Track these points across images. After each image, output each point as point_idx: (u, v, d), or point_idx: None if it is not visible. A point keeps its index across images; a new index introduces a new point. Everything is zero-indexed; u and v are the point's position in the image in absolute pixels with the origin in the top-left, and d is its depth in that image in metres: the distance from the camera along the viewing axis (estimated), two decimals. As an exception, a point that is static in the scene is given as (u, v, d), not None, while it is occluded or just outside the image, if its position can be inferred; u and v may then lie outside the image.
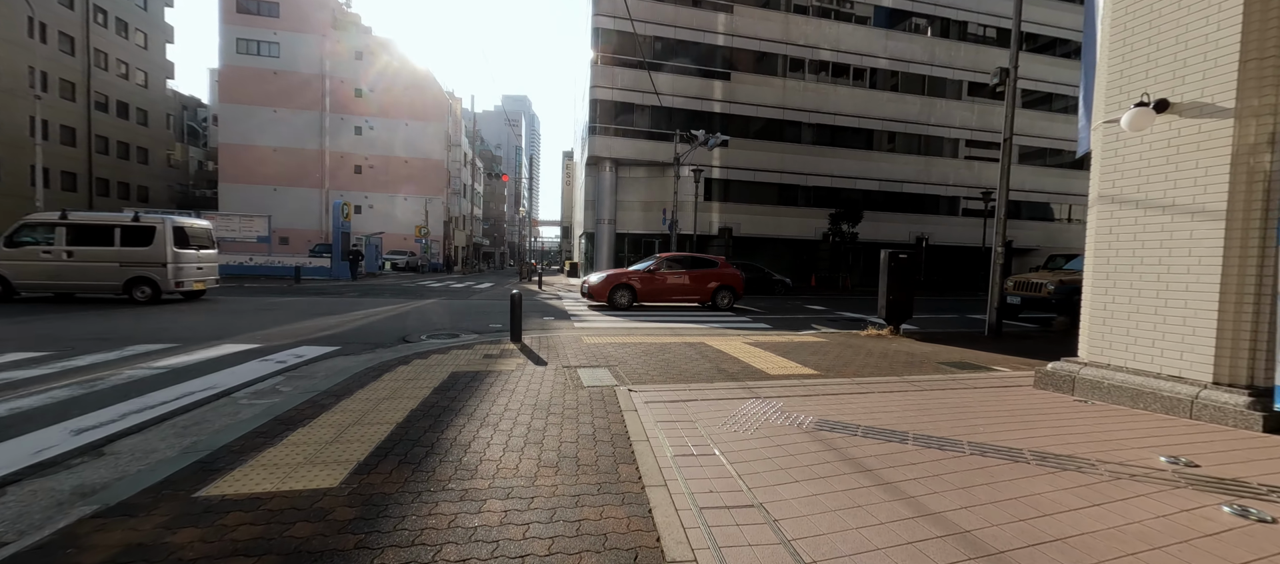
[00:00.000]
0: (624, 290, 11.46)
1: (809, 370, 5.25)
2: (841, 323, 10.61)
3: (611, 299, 11.39)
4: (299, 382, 4.37)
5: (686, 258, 12.57)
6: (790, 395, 4.19)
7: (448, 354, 5.56)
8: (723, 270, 12.29)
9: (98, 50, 33.95)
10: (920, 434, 3.20)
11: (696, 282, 11.98)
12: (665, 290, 11.79)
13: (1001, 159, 8.72)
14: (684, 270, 12.08)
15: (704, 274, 12.13)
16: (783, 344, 6.93)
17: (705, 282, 12.03)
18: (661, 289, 11.77)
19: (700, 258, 12.68)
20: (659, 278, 11.80)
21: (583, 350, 6.00)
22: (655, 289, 11.72)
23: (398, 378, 4.43)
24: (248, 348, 5.77)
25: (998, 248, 8.69)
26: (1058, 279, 10.77)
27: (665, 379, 4.70)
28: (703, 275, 12.11)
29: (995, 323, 8.59)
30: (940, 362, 6.00)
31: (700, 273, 12.12)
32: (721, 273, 12.23)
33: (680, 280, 11.93)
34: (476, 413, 3.50)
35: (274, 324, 7.75)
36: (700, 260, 12.55)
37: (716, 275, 12.18)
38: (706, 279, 12.08)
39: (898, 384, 4.71)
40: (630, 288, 11.48)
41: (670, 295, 11.84)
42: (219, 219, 19.96)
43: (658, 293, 11.76)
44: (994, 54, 30.03)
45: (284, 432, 3.06)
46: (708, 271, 12.18)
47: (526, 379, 4.52)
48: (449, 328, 8.06)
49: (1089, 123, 5.02)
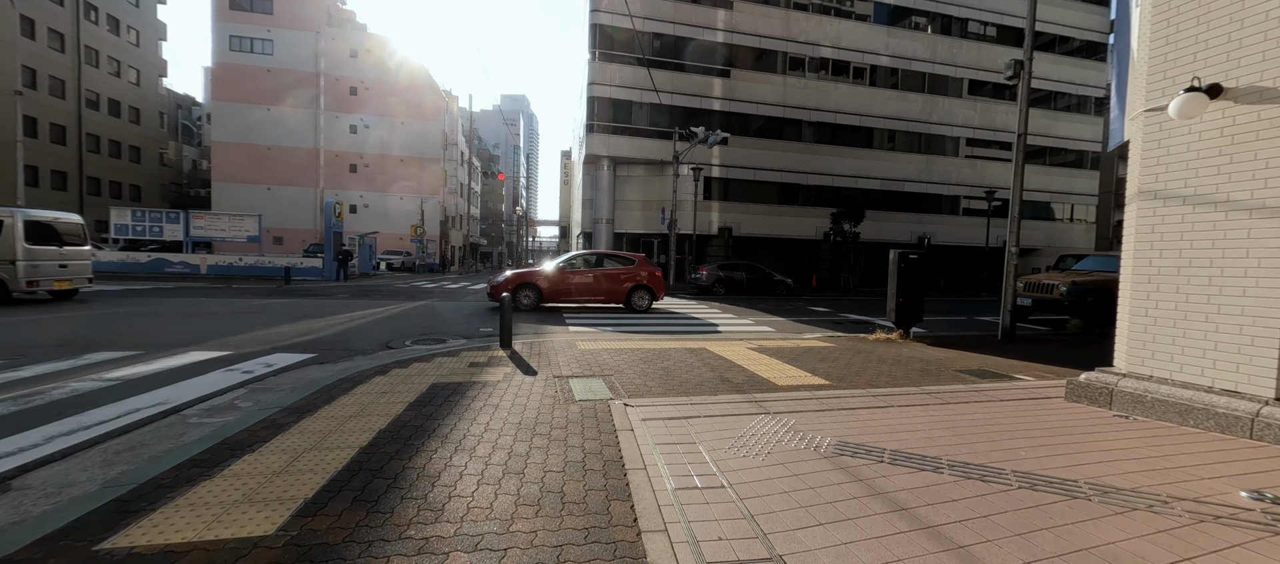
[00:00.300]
0: (528, 290, 10.65)
1: (820, 380, 4.87)
2: (847, 326, 10.24)
3: (515, 299, 10.51)
4: (262, 395, 3.97)
5: (602, 255, 11.87)
6: (802, 410, 3.81)
7: (431, 362, 5.17)
8: (640, 270, 11.44)
9: (88, 47, 33.47)
10: (956, 461, 2.82)
11: (610, 281, 11.18)
12: (574, 290, 11.01)
13: (1015, 155, 8.36)
14: (597, 269, 11.32)
15: (619, 273, 11.30)
16: (788, 350, 6.55)
17: (619, 282, 11.21)
18: (570, 289, 10.98)
19: (618, 255, 11.93)
20: (568, 277, 11.05)
21: (576, 357, 5.61)
22: (563, 289, 10.95)
23: (371, 391, 4.04)
24: (215, 356, 5.37)
25: (1012, 248, 8.32)
26: (1070, 280, 10.43)
27: (665, 391, 4.31)
28: (617, 275, 11.28)
29: (1009, 326, 8.23)
30: (958, 369, 5.63)
31: (615, 272, 11.30)
32: (639, 272, 11.38)
33: (591, 280, 11.12)
34: (453, 434, 3.11)
35: (251, 329, 7.35)
36: (617, 258, 11.80)
37: (633, 275, 11.33)
38: (621, 279, 11.25)
39: (918, 396, 4.33)
40: (535, 288, 10.70)
41: (580, 295, 11.06)
42: (208, 218, 19.54)
43: (566, 293, 10.99)
44: (997, 51, 29.69)
45: (228, 459, 2.67)
46: (623, 271, 11.36)
47: (513, 392, 4.13)
48: (437, 332, 7.67)
49: (1123, 113, 4.64)
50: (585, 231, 26.79)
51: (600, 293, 11.16)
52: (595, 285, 11.12)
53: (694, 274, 19.33)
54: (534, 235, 79.19)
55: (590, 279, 11.13)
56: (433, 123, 39.43)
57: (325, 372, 4.78)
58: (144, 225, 18.69)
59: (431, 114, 39.34)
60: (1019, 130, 8.27)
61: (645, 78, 23.59)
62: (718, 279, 18.06)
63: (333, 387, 4.12)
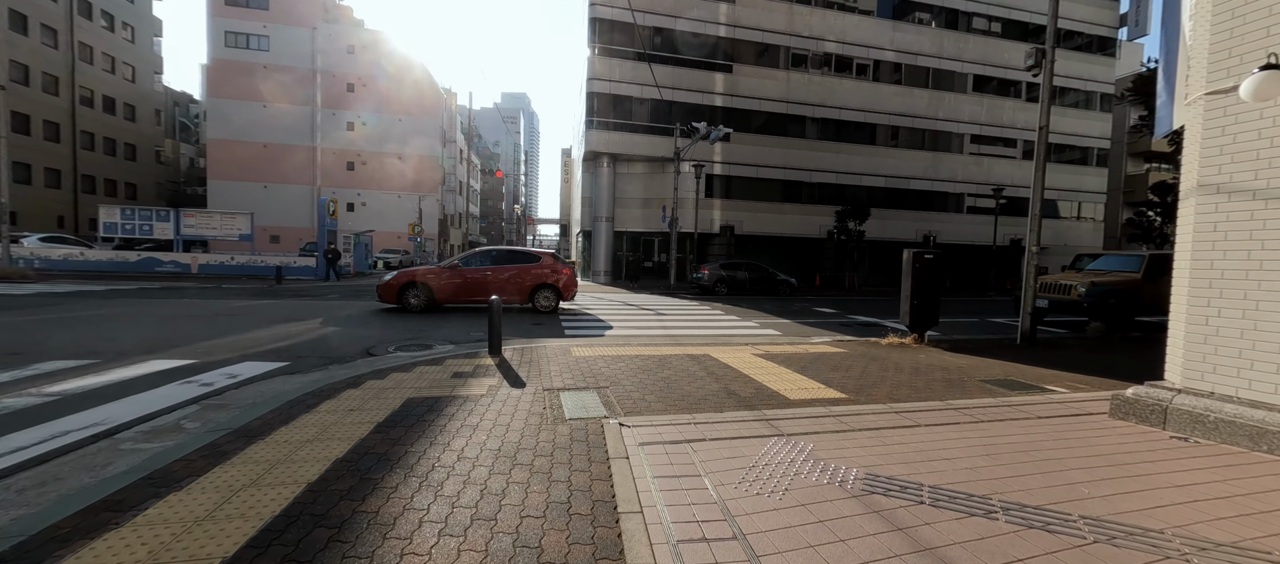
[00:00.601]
0: (416, 290, 9.78)
1: (835, 393, 4.44)
2: (856, 328, 9.81)
3: (401, 300, 9.79)
4: (215, 413, 3.56)
5: (503, 252, 10.81)
6: (820, 431, 3.38)
7: (411, 372, 4.75)
8: (546, 267, 10.54)
9: (82, 43, 33.05)
10: (1009, 501, 2.39)
11: (511, 280, 10.26)
12: (470, 289, 10.08)
13: (1037, 148, 7.92)
14: (496, 266, 10.38)
15: (521, 271, 10.37)
16: (797, 356, 6.12)
17: (520, 280, 10.31)
18: (465, 288, 10.06)
19: (522, 252, 10.96)
20: (462, 275, 10.08)
21: (570, 366, 5.19)
22: (457, 288, 10.02)
23: (339, 407, 3.62)
24: (178, 365, 4.95)
25: (1032, 247, 7.89)
26: (1089, 281, 9.98)
27: (665, 406, 3.89)
28: (519, 273, 10.35)
29: (1029, 330, 7.80)
30: (982, 379, 5.20)
31: (516, 270, 10.37)
32: (544, 270, 10.47)
33: (489, 278, 10.15)
34: (419, 465, 2.69)
35: (227, 333, 6.93)
36: (520, 255, 10.82)
37: (536, 273, 10.41)
38: (523, 277, 10.32)
39: (946, 413, 3.90)
40: (424, 288, 9.80)
41: (477, 295, 10.11)
42: (199, 216, 19.13)
43: (461, 292, 10.06)
44: (1004, 46, 29.17)
45: (149, 499, 2.25)
46: (525, 269, 10.42)
47: (496, 409, 3.71)
48: (424, 337, 7.25)
49: (1171, 98, 4.20)
50: (585, 230, 26.36)
51: (500, 292, 10.00)
52: (494, 284, 10.10)
53: (696, 273, 18.90)
54: (535, 233, 78.83)
55: (488, 277, 10.18)
56: (431, 120, 38.99)
57: (293, 384, 4.36)
58: (134, 223, 18.28)
59: (430, 111, 38.90)
60: (1041, 122, 7.83)
61: (646, 73, 23.11)
62: (720, 279, 17.63)
63: (296, 402, 3.70)
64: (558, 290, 10.57)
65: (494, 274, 10.23)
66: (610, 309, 11.87)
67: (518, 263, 10.58)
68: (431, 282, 9.91)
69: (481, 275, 10.18)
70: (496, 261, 10.53)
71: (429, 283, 9.88)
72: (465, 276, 10.10)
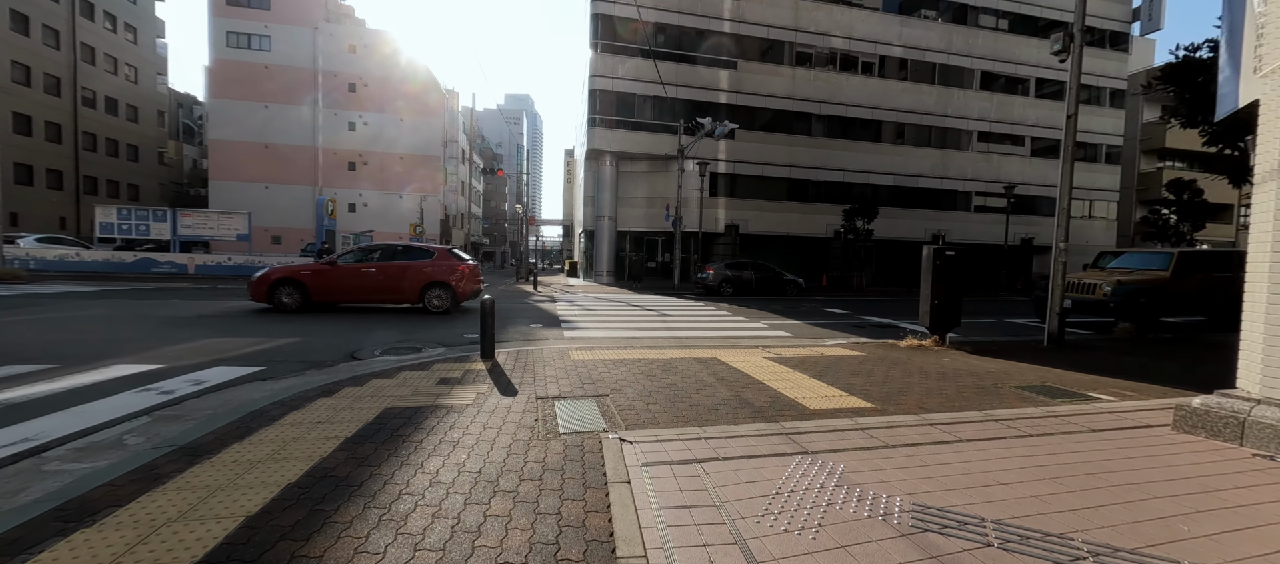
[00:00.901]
0: (290, 288, 8.97)
1: (859, 401, 4.02)
2: (870, 329, 9.36)
3: (272, 298, 8.92)
4: (165, 426, 3.17)
5: (392, 247, 10.04)
6: (849, 447, 2.96)
7: (394, 378, 4.36)
8: (439, 264, 9.68)
9: (85, 44, 33.00)
10: (1097, 542, 1.96)
11: (399, 277, 9.44)
12: (352, 288, 9.31)
13: (1064, 140, 7.46)
14: (384, 262, 9.58)
15: (411, 268, 9.53)
16: (812, 360, 5.70)
17: (408, 278, 9.46)
18: (346, 286, 9.28)
19: (412, 247, 10.15)
20: (343, 272, 9.27)
21: (567, 371, 4.78)
22: (337, 286, 9.23)
23: (306, 419, 3.23)
24: (142, 370, 4.58)
25: (1060, 243, 7.43)
26: (1115, 279, 9.51)
27: (672, 417, 3.48)
28: (409, 270, 9.50)
29: (1057, 331, 7.34)
30: (1017, 386, 4.76)
31: (405, 266, 9.54)
32: (437, 267, 9.61)
33: (373, 276, 9.35)
34: (385, 491, 2.29)
35: (207, 335, 6.57)
36: (415, 250, 10.03)
37: (427, 270, 9.53)
38: (412, 275, 9.47)
39: (988, 425, 3.47)
40: (299, 285, 9.00)
41: (360, 294, 9.37)
42: (196, 216, 18.87)
43: (342, 291, 9.28)
44: (1013, 42, 28.63)
45: (46, 540, 1.86)
46: (414, 266, 9.57)
47: (482, 421, 3.31)
48: (414, 339, 6.86)
49: (1237, 72, 3.75)
50: (587, 230, 25.98)
51: (386, 291, 9.44)
52: (379, 282, 9.37)
53: (700, 273, 18.48)
54: (538, 234, 78.60)
55: (373, 274, 9.37)
56: (433, 120, 38.74)
57: (262, 391, 3.97)
58: (130, 224, 18.02)
59: (432, 111, 38.65)
60: (1068, 112, 7.37)
61: (649, 70, 22.73)
62: (725, 278, 17.20)
63: (259, 414, 3.31)
64: (452, 289, 9.59)
65: (378, 271, 9.43)
66: (613, 310, 11.47)
67: (407, 259, 9.72)
68: (307, 279, 9.10)
69: (363, 272, 9.37)
70: (383, 258, 9.70)
71: (305, 281, 9.07)
72: (345, 273, 9.30)
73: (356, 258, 9.68)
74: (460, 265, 9.87)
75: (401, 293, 9.50)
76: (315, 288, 9.12)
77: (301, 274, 9.15)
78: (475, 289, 10.26)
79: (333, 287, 9.25)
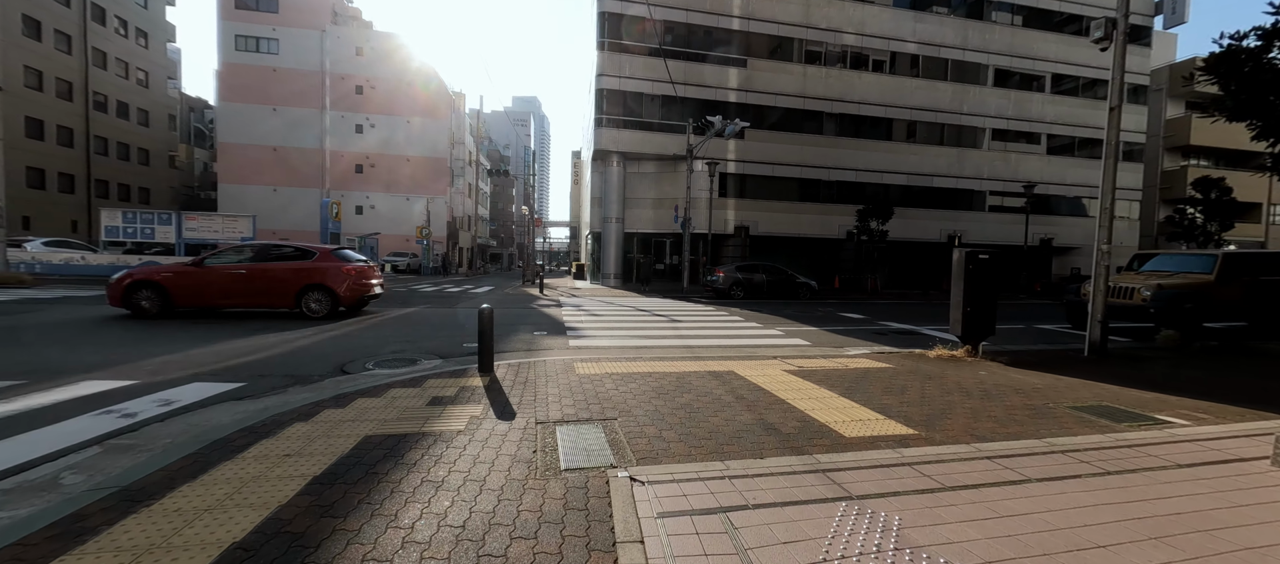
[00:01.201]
0: (148, 292, 8.23)
1: (899, 427, 3.56)
2: (892, 337, 8.85)
3: (129, 303, 8.17)
4: (114, 459, 2.80)
5: (265, 247, 9.28)
6: (901, 490, 2.51)
7: (381, 397, 3.97)
8: (319, 266, 8.88)
9: (96, 49, 33.21)
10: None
11: (272, 279, 8.69)
12: (219, 291, 8.52)
13: (1107, 133, 6.95)
14: (256, 263, 8.83)
15: (286, 270, 8.78)
16: (836, 373, 5.24)
17: (282, 280, 8.72)
18: (212, 289, 8.50)
19: (289, 247, 9.34)
20: (209, 274, 8.52)
21: (572, 388, 4.37)
22: (202, 289, 8.46)
23: (273, 451, 2.84)
24: (113, 387, 4.23)
25: (1103, 244, 6.90)
26: (1155, 283, 8.92)
27: (688, 447, 3.05)
28: (284, 271, 8.76)
29: (1099, 340, 6.81)
30: (1072, 406, 4.27)
31: (280, 268, 8.80)
32: (315, 269, 8.85)
33: (242, 277, 8.59)
34: (346, 555, 1.89)
35: (192, 345, 6.25)
36: (287, 250, 9.23)
37: (305, 272, 8.78)
38: (287, 276, 8.73)
39: (1053, 458, 3.01)
40: (158, 289, 8.25)
41: (228, 297, 8.59)
42: (201, 219, 18.76)
43: (207, 294, 8.51)
44: (1031, 37, 27.88)
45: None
46: (291, 266, 8.83)
47: (473, 454, 2.90)
48: (411, 349, 6.49)
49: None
50: (594, 231, 25.61)
51: (257, 294, 8.67)
52: (249, 284, 8.61)
53: (710, 276, 18.01)
54: (545, 237, 78.49)
55: (243, 275, 8.62)
56: (440, 123, 38.65)
57: (234, 413, 3.60)
58: (135, 227, 17.95)
59: (439, 113, 38.56)
60: (1111, 103, 6.86)
61: (656, 69, 22.34)
62: (736, 281, 16.73)
63: (221, 444, 2.92)
64: (332, 293, 8.81)
65: (248, 272, 8.67)
66: (620, 315, 11.06)
67: (283, 259, 9.01)
68: (168, 281, 8.35)
69: (232, 274, 8.60)
70: (256, 258, 8.96)
71: (165, 283, 8.32)
72: (211, 275, 8.56)
73: (231, 257, 8.98)
74: (345, 267, 9.08)
75: (274, 296, 8.75)
76: (178, 291, 8.38)
77: (161, 276, 8.42)
78: (367, 293, 9.48)
79: (197, 289, 8.49)
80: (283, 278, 8.76)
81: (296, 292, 8.74)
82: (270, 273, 8.77)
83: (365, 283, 9.45)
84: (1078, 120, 28.88)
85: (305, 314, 8.77)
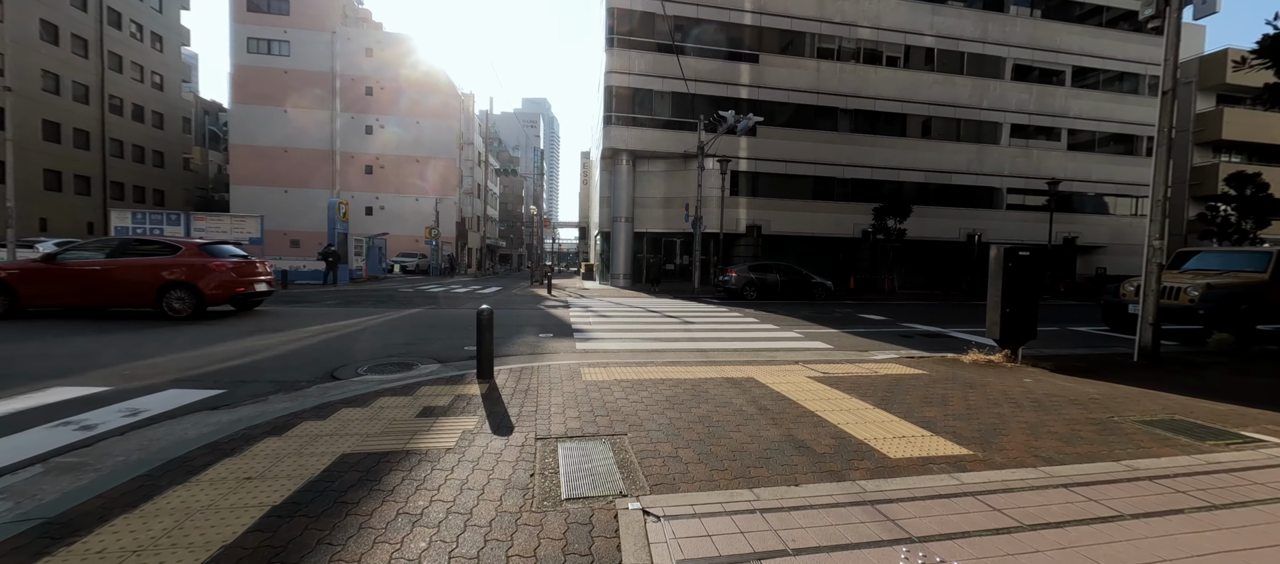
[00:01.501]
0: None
1: (950, 446, 3.11)
2: (919, 340, 8.34)
3: None
4: (54, 481, 2.45)
5: (126, 241, 8.73)
6: (968, 529, 2.08)
7: (368, 406, 3.61)
8: (182, 262, 8.20)
9: (112, 53, 33.61)
10: None
11: (128, 276, 8.06)
12: (71, 289, 7.98)
13: (1160, 120, 6.43)
14: (109, 260, 8.20)
15: (144, 267, 8.12)
16: (866, 380, 4.78)
17: (142, 277, 8.06)
18: (64, 288, 7.96)
19: (150, 241, 8.75)
20: (60, 271, 7.97)
21: (577, 397, 3.97)
22: (52, 288, 7.93)
23: (234, 472, 2.48)
24: (81, 394, 3.92)
25: (1155, 240, 6.36)
26: (1203, 283, 8.31)
27: (710, 472, 2.63)
28: (142, 267, 8.11)
29: (1150, 345, 6.26)
30: (1141, 420, 3.78)
31: (137, 265, 8.14)
32: (178, 265, 8.16)
33: (96, 274, 8.02)
34: (285, 621, 1.50)
35: (179, 348, 5.96)
36: (151, 244, 8.61)
37: (165, 269, 8.11)
38: (145, 274, 8.07)
39: (1140, 486, 2.54)
40: (3, 287, 7.74)
41: (82, 296, 8.02)
42: (209, 220, 18.69)
43: (58, 293, 7.97)
44: (1053, 29, 26.99)
45: None
46: (149, 263, 8.15)
47: (461, 478, 2.51)
48: (410, 352, 6.15)
49: None
50: (603, 231, 25.25)
51: (114, 292, 8.09)
52: (104, 282, 8.05)
53: (722, 276, 17.54)
54: (554, 237, 78.43)
55: (97, 272, 8.06)
56: (450, 123, 38.59)
57: (202, 427, 3.25)
58: (144, 227, 17.92)
59: (448, 114, 38.51)
60: (1164, 86, 6.31)
61: (666, 65, 21.94)
62: (749, 282, 16.25)
63: (178, 463, 2.57)
64: (197, 291, 8.14)
65: (103, 269, 8.11)
66: (630, 317, 10.66)
67: (142, 254, 8.37)
68: (14, 280, 7.85)
69: (85, 271, 8.07)
70: (115, 254, 8.36)
71: (11, 281, 7.82)
72: (62, 273, 8.02)
73: (88, 252, 8.46)
74: (211, 263, 8.36)
75: (133, 294, 8.15)
76: (25, 290, 7.86)
77: (6, 273, 7.90)
78: (245, 291, 8.79)
79: (46, 287, 7.96)
80: (141, 275, 8.14)
81: (157, 289, 8.10)
82: (128, 269, 8.17)
83: (241, 280, 8.73)
84: (1102, 115, 27.92)
85: (167, 314, 8.12)
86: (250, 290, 8.95)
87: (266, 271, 9.57)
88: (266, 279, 9.48)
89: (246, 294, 8.94)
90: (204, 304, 8.31)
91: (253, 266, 9.11)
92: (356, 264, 21.20)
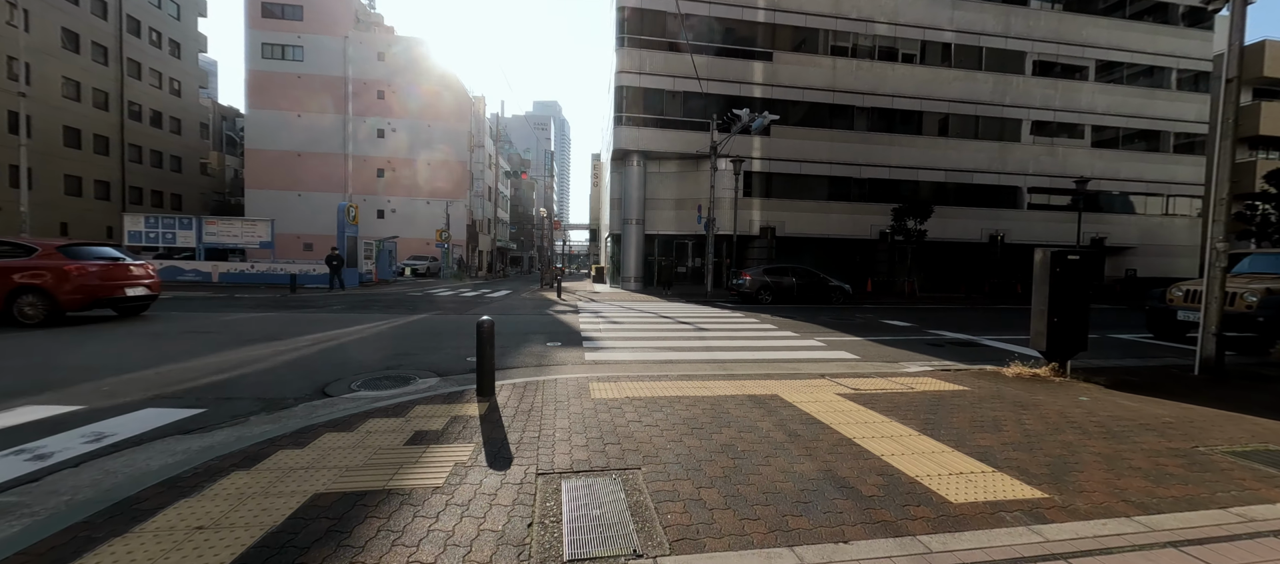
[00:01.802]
0: None
1: (1021, 487, 2.66)
2: (950, 349, 7.82)
3: None
4: (-21, 530, 2.12)
5: None
6: (1076, 617, 1.63)
7: (354, 431, 3.26)
8: (35, 265, 7.59)
9: (131, 60, 34.15)
10: None
11: None
12: None
13: (1222, 108, 5.85)
14: None
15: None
16: (903, 398, 4.33)
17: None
18: None
19: (6, 243, 8.03)
20: None
21: (584, 419, 3.59)
22: None
23: (183, 521, 2.13)
24: (49, 414, 3.63)
25: (1217, 242, 5.79)
26: (1262, 287, 7.68)
27: (738, 521, 2.22)
28: None
29: (1213, 357, 5.70)
30: (1229, 450, 3.28)
31: None
32: (29, 268, 7.55)
33: None
34: None
35: (170, 359, 5.70)
36: (3, 247, 7.89)
37: (15, 272, 7.51)
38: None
39: (1262, 543, 2.08)
40: None
41: None
42: (221, 223, 18.74)
43: None
44: (1079, 22, 26.07)
45: None
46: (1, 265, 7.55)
47: (445, 529, 2.13)
48: (409, 363, 5.82)
49: None
50: (614, 234, 24.91)
51: None
52: None
53: (736, 279, 17.06)
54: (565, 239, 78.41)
55: None
56: (461, 126, 38.60)
57: (166, 456, 2.92)
58: (157, 232, 18.01)
59: (459, 117, 38.53)
60: (1228, 74, 5.75)
61: (677, 65, 21.55)
62: (764, 285, 15.75)
63: (126, 505, 2.23)
64: (51, 296, 7.55)
65: None
66: (642, 323, 10.27)
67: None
68: None
69: None
70: None
71: None
72: None
73: None
74: (67, 266, 7.73)
75: None
76: None
77: None
78: (112, 296, 8.19)
79: None
80: None
81: (8, 294, 7.47)
82: None
83: (106, 285, 8.12)
84: (1130, 110, 26.89)
85: (19, 320, 7.49)
86: (118, 295, 8.30)
87: (148, 275, 9.00)
88: (146, 283, 8.88)
89: (117, 299, 8.33)
90: (61, 310, 7.73)
91: (125, 270, 8.51)
92: (366, 267, 21.10)
